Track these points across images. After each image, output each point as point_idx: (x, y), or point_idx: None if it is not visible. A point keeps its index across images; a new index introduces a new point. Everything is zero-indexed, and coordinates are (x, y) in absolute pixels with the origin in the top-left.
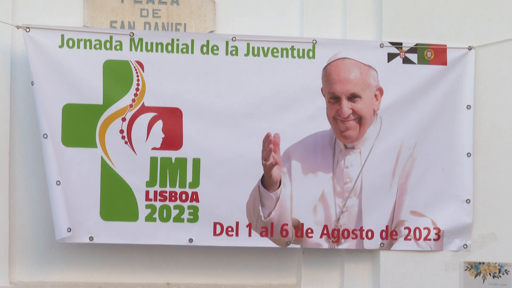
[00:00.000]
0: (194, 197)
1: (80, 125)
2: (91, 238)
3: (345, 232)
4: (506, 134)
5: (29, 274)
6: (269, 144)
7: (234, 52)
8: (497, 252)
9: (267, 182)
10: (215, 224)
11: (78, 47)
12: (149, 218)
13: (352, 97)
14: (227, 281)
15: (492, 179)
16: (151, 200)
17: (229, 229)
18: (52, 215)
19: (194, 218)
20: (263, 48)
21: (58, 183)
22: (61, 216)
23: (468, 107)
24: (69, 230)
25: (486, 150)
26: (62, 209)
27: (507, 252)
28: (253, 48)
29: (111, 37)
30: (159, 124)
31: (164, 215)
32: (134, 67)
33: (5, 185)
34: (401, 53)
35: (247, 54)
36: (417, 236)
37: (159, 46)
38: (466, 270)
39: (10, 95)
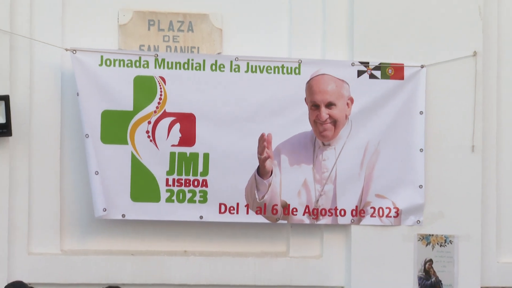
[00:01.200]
0: (204, 184)
1: (115, 127)
2: (123, 215)
3: (323, 211)
4: (450, 134)
5: (75, 244)
6: (263, 142)
7: (236, 69)
8: (443, 227)
9: (262, 172)
10: (220, 204)
11: (114, 65)
12: (169, 199)
13: (329, 105)
14: (230, 250)
15: (439, 169)
16: (170, 185)
17: (231, 208)
18: (92, 198)
19: (203, 199)
20: (259, 66)
21: (96, 173)
22: (98, 199)
23: (421, 113)
24: (105, 210)
25: (435, 147)
26: (100, 194)
27: (451, 226)
28: (252, 66)
29: (140, 58)
30: (177, 126)
31: (180, 197)
32: (158, 81)
33: (56, 174)
34: (368, 70)
35: (247, 71)
36: (381, 214)
37: (178, 65)
38: (419, 240)
39: (61, 103)
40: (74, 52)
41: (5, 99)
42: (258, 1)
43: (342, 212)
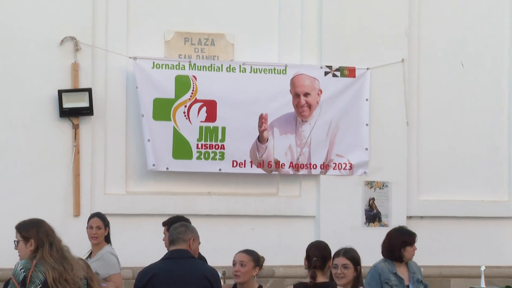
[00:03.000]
0: (222, 147)
1: (162, 109)
2: (167, 168)
3: (302, 165)
4: (386, 114)
5: (135, 187)
6: (262, 119)
7: (243, 71)
8: (382, 176)
9: (261, 139)
10: (233, 161)
11: (161, 68)
12: (198, 157)
13: (306, 95)
14: (239, 191)
15: (379, 138)
16: (199, 148)
17: (240, 163)
18: (146, 156)
19: (221, 158)
20: (258, 68)
21: (148, 140)
22: (150, 158)
23: (366, 99)
24: (154, 165)
25: (376, 122)
26: (151, 154)
27: (387, 176)
28: (253, 68)
29: (179, 63)
30: (204, 109)
31: (206, 156)
32: (191, 79)
33: (123, 140)
34: (331, 71)
35: (250, 72)
36: (340, 167)
37: (204, 68)
38: (365, 185)
39: (125, 93)
40: (135, 59)
41: (89, 90)
42: (257, 25)
43: (314, 166)
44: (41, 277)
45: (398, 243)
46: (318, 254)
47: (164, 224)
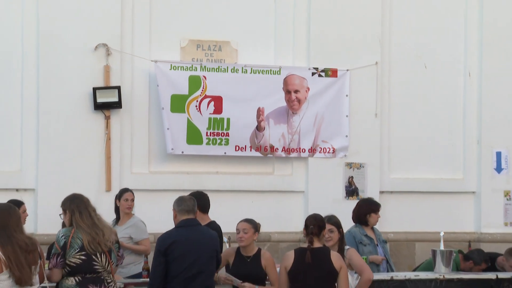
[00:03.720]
0: (227, 135)
1: (178, 103)
2: (182, 152)
3: (293, 150)
4: (362, 107)
5: (156, 167)
6: (259, 112)
7: (245, 72)
8: (359, 158)
9: (259, 128)
10: (236, 146)
11: (178, 69)
12: (207, 143)
13: (296, 91)
14: (242, 171)
15: (356, 127)
16: (208, 135)
17: (242, 148)
18: (165, 142)
19: (226, 143)
20: (258, 70)
21: (168, 128)
22: (168, 143)
23: (346, 95)
24: (172, 149)
25: (354, 114)
26: (169, 139)
27: (363, 158)
28: (253, 70)
29: (192, 65)
30: (212, 103)
31: (214, 142)
32: (202, 78)
33: (146, 128)
34: (317, 72)
35: (251, 73)
36: (324, 151)
37: (213, 69)
38: (345, 166)
39: (148, 90)
40: (156, 62)
41: (118, 88)
42: (257, 34)
43: (303, 150)
44: (79, 242)
45: (366, 210)
46: (314, 223)
47: None
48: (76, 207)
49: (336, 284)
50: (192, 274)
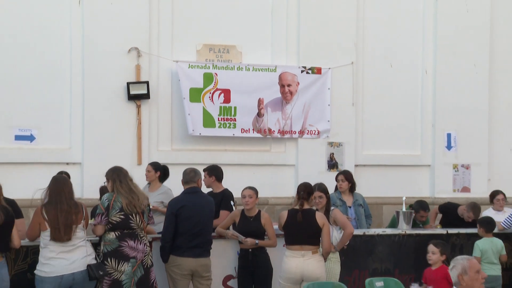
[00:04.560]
0: (234, 120)
1: (195, 94)
2: (200, 133)
3: (286, 132)
4: (341, 97)
5: (178, 145)
6: (260, 102)
7: (248, 70)
8: (338, 138)
9: (259, 115)
10: (241, 128)
11: (194, 68)
12: (219, 127)
13: (288, 85)
14: (245, 148)
15: (337, 113)
16: (219, 120)
17: (246, 130)
18: (187, 125)
19: (234, 126)
20: (258, 68)
21: (189, 114)
22: (189, 125)
23: (329, 88)
24: (193, 130)
25: (335, 103)
26: (190, 123)
27: (341, 138)
28: (255, 68)
29: (205, 64)
30: (222, 95)
31: (224, 126)
32: (214, 75)
33: (169, 115)
34: (306, 70)
35: (253, 70)
36: (311, 133)
37: (223, 68)
38: (327, 144)
39: (171, 84)
40: (177, 62)
41: (147, 83)
42: (257, 39)
43: (294, 132)
44: (119, 205)
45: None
46: (304, 190)
47: (204, 170)
48: (117, 176)
49: (320, 238)
50: (196, 231)
